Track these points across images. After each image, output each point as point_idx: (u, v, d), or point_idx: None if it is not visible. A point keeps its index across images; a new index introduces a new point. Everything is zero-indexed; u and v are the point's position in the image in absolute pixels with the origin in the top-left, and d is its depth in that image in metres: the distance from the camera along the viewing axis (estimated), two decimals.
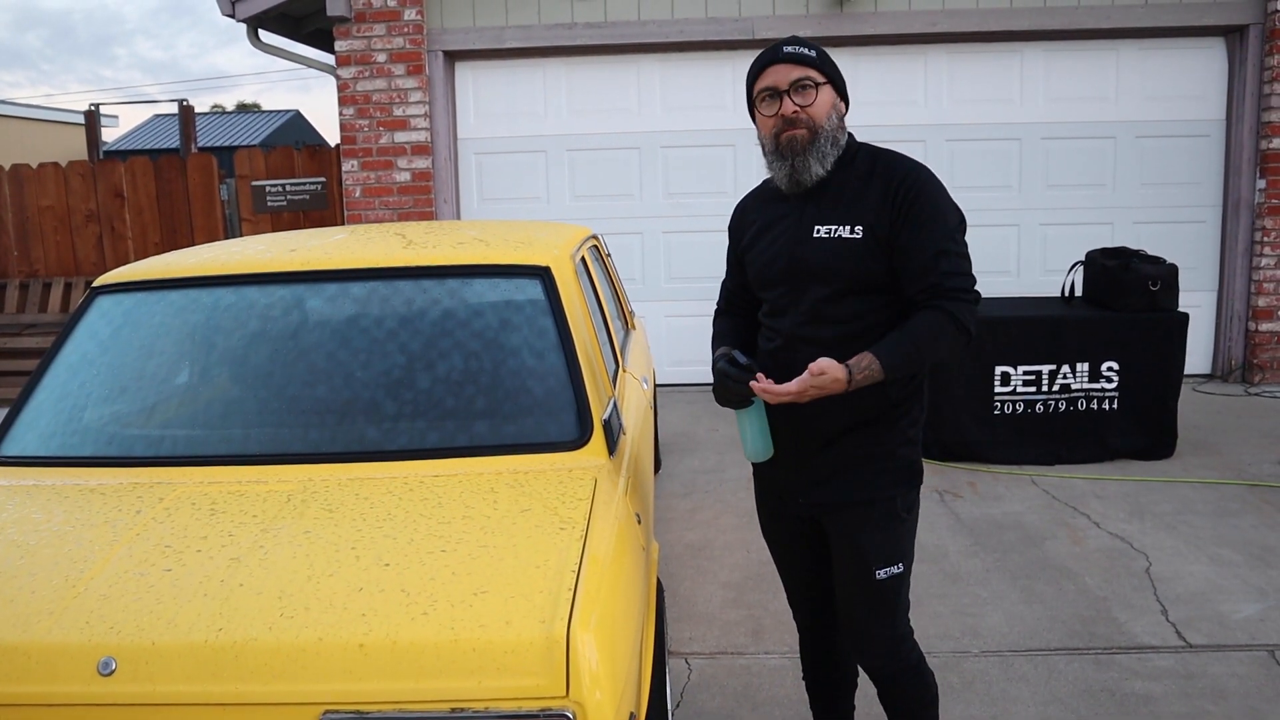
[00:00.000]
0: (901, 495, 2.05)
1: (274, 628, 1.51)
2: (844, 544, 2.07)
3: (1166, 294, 4.94)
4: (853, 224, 1.96)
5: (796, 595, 2.32)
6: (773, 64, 1.99)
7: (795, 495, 2.12)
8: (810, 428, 2.03)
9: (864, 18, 6.49)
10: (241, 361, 2.38)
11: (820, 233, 1.99)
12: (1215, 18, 6.48)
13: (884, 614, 2.08)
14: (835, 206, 1.99)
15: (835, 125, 2.00)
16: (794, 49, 1.99)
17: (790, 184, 2.02)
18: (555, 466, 2.06)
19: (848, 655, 2.36)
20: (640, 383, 3.30)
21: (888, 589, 2.06)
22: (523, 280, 2.42)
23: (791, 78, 1.97)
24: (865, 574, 2.05)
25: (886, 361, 1.90)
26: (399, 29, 6.61)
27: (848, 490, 2.04)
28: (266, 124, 23.18)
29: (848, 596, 2.10)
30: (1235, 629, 3.18)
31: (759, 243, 2.13)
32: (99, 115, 11.48)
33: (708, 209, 6.93)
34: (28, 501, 2.02)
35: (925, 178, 1.98)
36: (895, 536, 2.06)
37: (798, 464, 2.09)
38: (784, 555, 2.29)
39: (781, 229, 2.07)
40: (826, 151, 1.99)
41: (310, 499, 1.94)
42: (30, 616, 1.56)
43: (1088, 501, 4.43)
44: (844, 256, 1.96)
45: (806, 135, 1.97)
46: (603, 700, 1.45)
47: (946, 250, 1.93)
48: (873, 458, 2.03)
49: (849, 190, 2.00)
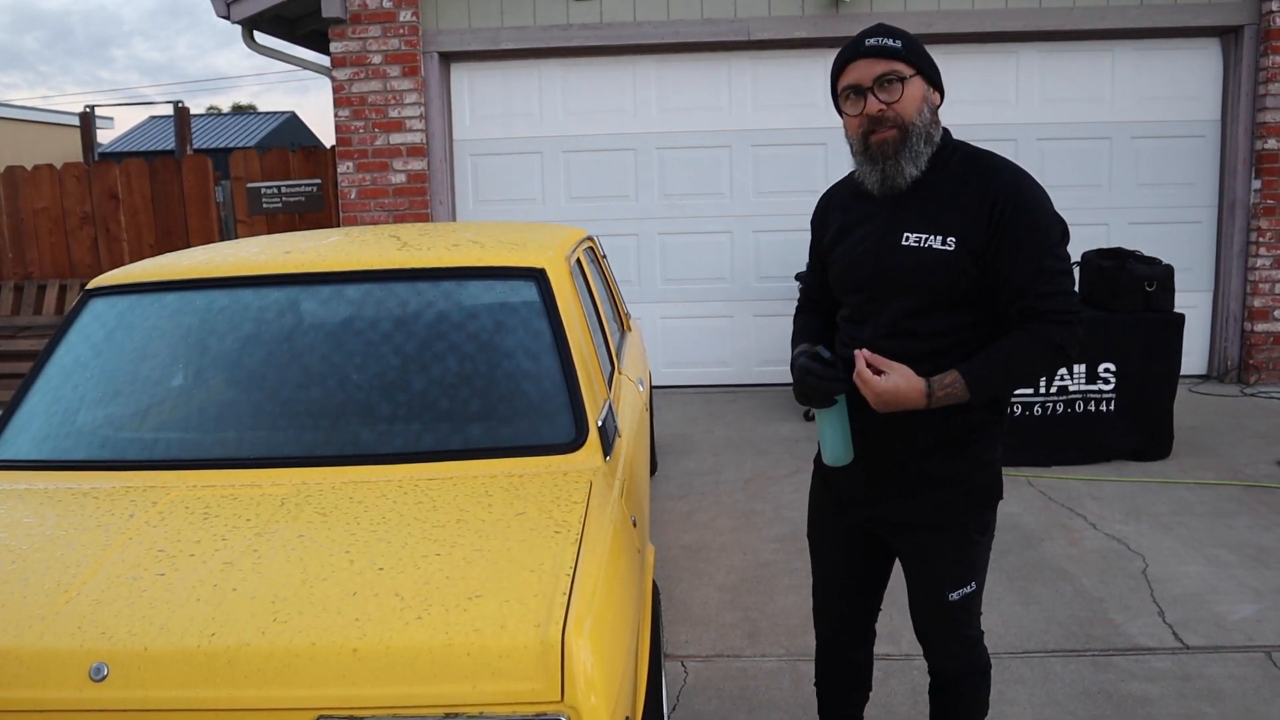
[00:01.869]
0: (974, 519, 1.96)
1: (267, 632, 1.50)
2: (915, 564, 2.01)
3: (1162, 295, 4.95)
4: (945, 234, 1.82)
5: (828, 604, 2.23)
6: (855, 59, 1.84)
7: (860, 508, 2.03)
8: (884, 444, 1.93)
9: (859, 19, 6.49)
10: (236, 364, 2.37)
11: (909, 241, 1.85)
12: (1210, 18, 6.49)
13: (958, 627, 2.04)
14: (926, 213, 1.85)
15: (928, 120, 1.86)
16: (877, 41, 1.82)
17: (883, 188, 1.89)
18: (550, 469, 2.05)
19: (866, 669, 2.30)
20: (635, 385, 3.29)
21: (960, 607, 2.00)
22: (518, 282, 2.42)
23: (875, 73, 1.82)
24: (938, 594, 1.99)
25: (973, 383, 1.79)
26: (394, 30, 6.60)
27: (916, 512, 1.95)
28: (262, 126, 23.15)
29: (921, 611, 2.06)
30: (1232, 630, 3.18)
31: (841, 244, 1.99)
32: (94, 117, 11.45)
33: (704, 210, 6.93)
34: (20, 505, 2.01)
35: (1028, 187, 1.83)
36: (968, 559, 1.97)
37: (867, 478, 1.99)
38: (828, 564, 2.19)
39: (866, 231, 1.93)
40: (920, 150, 1.84)
41: (304, 503, 1.93)
42: (22, 621, 1.55)
43: (1084, 503, 4.43)
44: (933, 269, 1.82)
45: (897, 136, 1.82)
46: (598, 704, 1.45)
47: (1046, 268, 1.79)
48: (945, 482, 1.93)
49: (941, 195, 1.86)
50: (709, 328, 7.07)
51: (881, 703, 2.75)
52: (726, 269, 7.01)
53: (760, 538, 4.13)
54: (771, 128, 6.84)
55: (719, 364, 7.11)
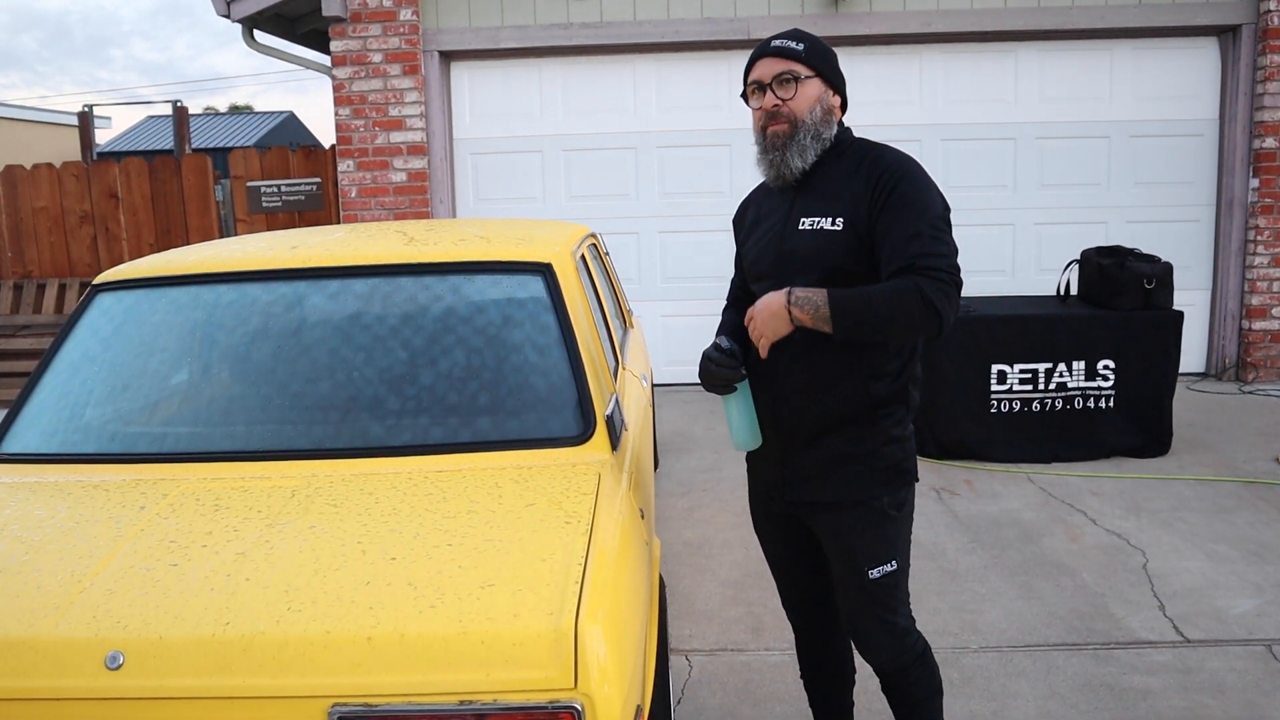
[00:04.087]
0: (889, 494, 2.02)
1: (281, 621, 1.51)
2: (833, 544, 2.06)
3: (1161, 292, 4.97)
4: (834, 215, 1.95)
5: (790, 595, 2.31)
6: (761, 57, 2.01)
7: (780, 494, 2.11)
8: (791, 426, 2.03)
9: (859, 18, 6.51)
10: (244, 358, 2.38)
11: (804, 225, 1.99)
12: (1208, 17, 6.52)
13: (882, 611, 2.07)
14: (820, 198, 1.99)
15: (819, 118, 1.99)
16: (781, 43, 1.99)
17: (774, 177, 2.04)
18: (559, 461, 2.06)
19: (845, 653, 2.35)
20: (640, 380, 3.31)
21: (882, 587, 2.04)
22: (524, 277, 2.43)
23: (775, 71, 1.98)
24: (858, 574, 2.03)
25: (835, 302, 1.84)
26: (394, 29, 6.61)
27: (829, 490, 2.03)
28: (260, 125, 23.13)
29: (844, 597, 2.09)
30: (1232, 624, 3.20)
31: (752, 236, 2.15)
32: (92, 116, 11.44)
33: (704, 209, 6.94)
34: (31, 498, 2.02)
35: (910, 168, 1.93)
36: (885, 535, 2.03)
37: (780, 462, 2.09)
38: (776, 554, 2.28)
39: (772, 222, 2.08)
40: (806, 145, 1.98)
41: (315, 494, 1.94)
42: (37, 612, 1.56)
43: (1084, 499, 4.44)
44: (824, 248, 1.95)
45: (787, 129, 1.98)
46: (611, 693, 1.45)
47: (922, 233, 1.85)
48: (853, 457, 2.00)
49: (834, 183, 1.99)
50: (709, 326, 7.02)
51: (874, 690, 2.76)
52: (726, 267, 6.99)
53: None
54: None
55: None
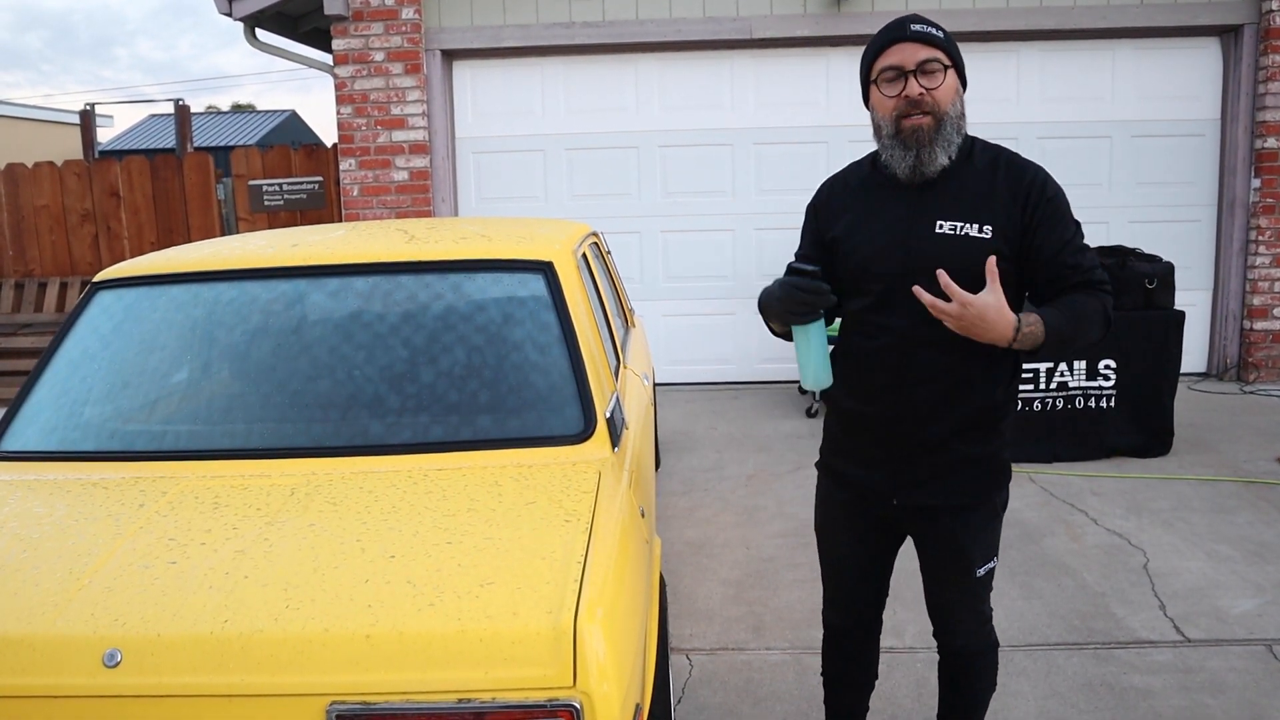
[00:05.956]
0: (1001, 494, 2.04)
1: (280, 619, 1.51)
2: (944, 546, 2.04)
3: (1163, 292, 4.96)
4: (981, 223, 1.87)
5: (842, 597, 2.23)
6: (898, 41, 1.86)
7: (888, 497, 2.03)
8: (912, 432, 1.95)
9: (861, 17, 6.50)
10: (244, 356, 2.38)
11: (944, 229, 1.88)
12: (1210, 17, 6.51)
13: (977, 602, 2.10)
14: (959, 202, 1.89)
15: (959, 113, 1.90)
16: (922, 27, 1.85)
17: (912, 174, 1.90)
18: (559, 460, 2.06)
19: (876, 656, 2.31)
20: (641, 379, 3.30)
21: (983, 583, 2.07)
22: (526, 275, 2.42)
23: (919, 58, 1.84)
24: (967, 573, 2.03)
25: (1051, 325, 1.80)
26: (396, 28, 6.61)
27: (950, 494, 1.98)
28: (262, 124, 23.12)
29: (944, 591, 2.10)
30: (1233, 624, 3.19)
31: (858, 233, 1.97)
32: (94, 115, 11.45)
33: (706, 208, 6.94)
34: (30, 496, 2.02)
35: (1049, 176, 1.93)
36: (995, 533, 2.05)
37: (896, 466, 2.00)
38: (841, 555, 2.18)
39: (892, 220, 1.93)
40: (952, 140, 1.88)
41: (314, 492, 1.93)
42: (35, 609, 1.56)
43: (1085, 498, 4.44)
44: (972, 255, 1.84)
45: (932, 123, 1.85)
46: (610, 691, 1.45)
47: (1082, 248, 1.88)
48: (975, 460, 1.97)
49: (973, 186, 1.90)
50: (711, 325, 7.08)
51: (886, 694, 2.77)
52: (728, 267, 7.01)
53: (763, 533, 4.14)
54: (773, 126, 6.85)
55: (721, 361, 7.12)
